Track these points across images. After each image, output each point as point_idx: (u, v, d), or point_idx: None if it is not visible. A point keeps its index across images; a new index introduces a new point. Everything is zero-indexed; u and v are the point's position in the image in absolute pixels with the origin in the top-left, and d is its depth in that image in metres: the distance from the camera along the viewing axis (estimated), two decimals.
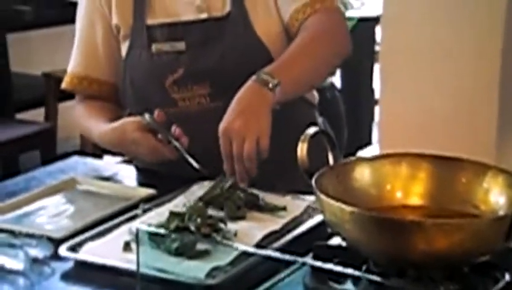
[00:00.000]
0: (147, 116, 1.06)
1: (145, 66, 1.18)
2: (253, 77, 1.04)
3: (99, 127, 1.18)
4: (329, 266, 0.71)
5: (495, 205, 0.82)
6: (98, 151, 2.29)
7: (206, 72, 1.14)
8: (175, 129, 1.06)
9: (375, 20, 2.76)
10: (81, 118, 1.25)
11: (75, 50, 1.25)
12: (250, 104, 1.01)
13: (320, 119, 1.29)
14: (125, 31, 1.20)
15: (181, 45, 1.15)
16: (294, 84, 1.07)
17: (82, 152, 2.47)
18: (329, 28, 1.15)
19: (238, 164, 0.99)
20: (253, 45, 1.15)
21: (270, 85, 1.02)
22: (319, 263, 0.69)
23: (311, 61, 1.12)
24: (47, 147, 2.56)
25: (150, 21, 1.18)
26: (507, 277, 0.75)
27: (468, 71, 1.04)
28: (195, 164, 1.02)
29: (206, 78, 1.14)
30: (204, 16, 1.17)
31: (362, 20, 2.72)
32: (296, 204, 0.98)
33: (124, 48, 1.20)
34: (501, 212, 0.80)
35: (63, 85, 1.27)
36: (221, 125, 1.00)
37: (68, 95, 3.11)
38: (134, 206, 0.98)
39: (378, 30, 2.80)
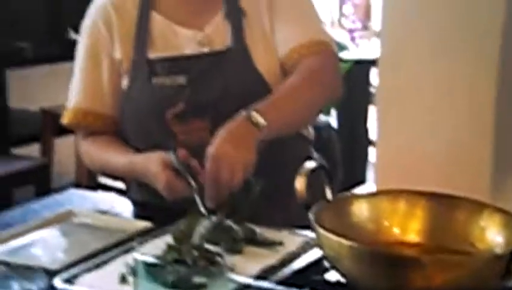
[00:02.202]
0: (171, 154, 1.07)
1: (145, 99, 1.18)
2: (243, 114, 1.05)
3: (121, 157, 1.17)
4: None
5: (492, 244, 0.82)
6: (92, 185, 2.29)
7: (206, 106, 1.15)
8: (195, 163, 1.05)
9: (370, 62, 2.82)
10: (92, 152, 1.24)
11: (78, 85, 1.25)
12: (238, 136, 1.02)
13: (316, 155, 1.30)
14: (126, 65, 1.21)
15: (182, 79, 1.16)
16: (281, 125, 1.09)
17: (77, 186, 2.46)
18: (322, 71, 1.17)
19: (224, 190, 0.99)
20: (254, 79, 1.16)
21: (258, 124, 1.04)
22: None
23: (301, 104, 1.13)
24: (42, 182, 2.56)
25: (151, 55, 1.19)
26: None
27: (462, 114, 1.06)
28: (202, 208, 1.02)
29: (207, 111, 1.15)
30: (205, 50, 1.19)
31: (358, 63, 2.77)
32: (293, 239, 0.98)
33: (125, 82, 1.21)
34: (498, 251, 0.80)
35: (65, 120, 1.26)
36: (212, 150, 1.01)
37: (64, 131, 3.13)
38: (131, 238, 0.98)
39: (373, 72, 2.85)
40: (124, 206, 1.21)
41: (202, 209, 1.01)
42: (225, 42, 1.18)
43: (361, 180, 2.66)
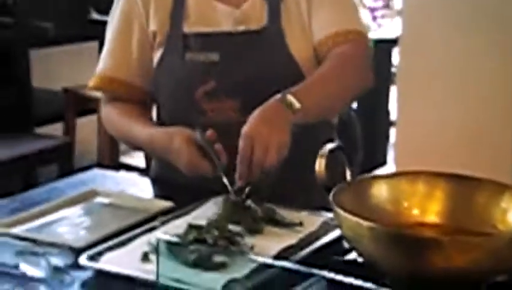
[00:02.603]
0: (198, 132, 1.07)
1: (177, 74, 1.19)
2: (278, 96, 1.05)
3: (142, 128, 1.18)
4: (348, 279, 0.71)
5: None
6: (114, 164, 2.32)
7: (237, 86, 1.15)
8: (218, 146, 1.06)
9: (392, 42, 2.78)
10: (114, 117, 1.24)
11: (107, 52, 1.25)
12: (273, 118, 1.03)
13: (336, 137, 1.30)
14: (160, 38, 1.21)
15: (215, 56, 1.16)
16: (315, 110, 1.09)
17: (100, 165, 2.49)
18: (355, 60, 1.17)
19: (256, 169, 1.00)
20: (287, 62, 1.16)
21: (293, 108, 1.04)
22: (339, 277, 0.70)
23: (334, 90, 1.14)
24: (65, 161, 2.60)
25: (186, 29, 1.19)
26: None
27: (484, 94, 1.05)
28: (229, 187, 1.03)
29: (237, 91, 1.15)
30: (241, 28, 1.18)
31: (379, 42, 2.74)
32: (312, 220, 0.99)
33: (158, 55, 1.21)
34: None
35: (91, 84, 1.26)
36: (245, 129, 1.01)
37: (87, 110, 3.16)
38: (153, 218, 1.00)
39: (395, 52, 2.81)
40: (145, 186, 1.22)
41: (229, 188, 1.02)
42: (261, 22, 1.18)
43: (382, 162, 2.64)
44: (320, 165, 0.85)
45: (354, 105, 1.78)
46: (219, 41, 1.18)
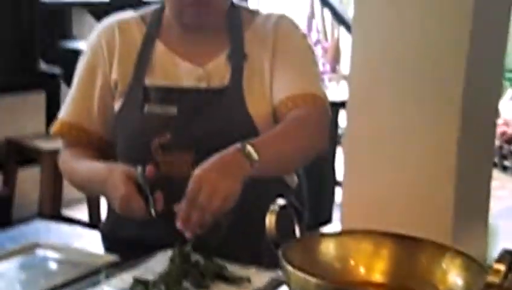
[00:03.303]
0: (139, 169, 1.07)
1: (135, 125, 1.19)
2: (239, 145, 1.06)
3: (85, 164, 1.18)
4: None
5: (453, 286, 0.84)
6: (57, 218, 2.24)
7: (192, 141, 1.16)
8: (159, 195, 1.05)
9: (339, 105, 2.88)
10: (68, 159, 1.24)
11: (70, 99, 1.26)
12: (228, 166, 1.03)
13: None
14: (122, 88, 1.22)
15: (173, 110, 1.18)
16: (271, 165, 1.11)
17: (42, 216, 2.41)
18: (312, 124, 1.20)
19: (199, 213, 0.99)
20: (244, 121, 1.18)
21: (251, 159, 1.05)
22: None
23: (291, 148, 1.16)
24: (3, 213, 2.50)
25: (147, 81, 1.21)
26: None
27: (426, 158, 1.10)
28: (153, 212, 1.01)
29: (192, 146, 1.16)
30: (203, 85, 1.21)
31: None
32: (260, 276, 0.99)
33: (118, 105, 1.22)
34: None
35: (52, 129, 1.27)
36: (197, 172, 1.01)
37: (28, 161, 3.06)
38: (97, 271, 0.97)
39: (341, 114, 2.91)
40: (91, 239, 1.19)
41: (152, 212, 1.01)
42: (223, 81, 1.20)
43: (328, 220, 2.68)
44: (270, 221, 0.86)
45: None
46: (179, 95, 1.19)
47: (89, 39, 1.29)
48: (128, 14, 1.29)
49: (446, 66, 1.06)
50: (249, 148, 1.06)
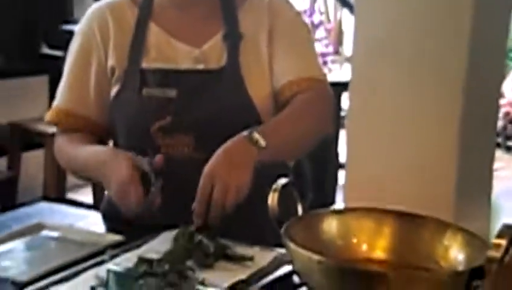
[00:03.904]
0: (146, 158, 1.05)
1: (133, 109, 1.19)
2: (245, 133, 1.07)
3: (88, 147, 1.17)
4: None
5: (454, 261, 0.85)
6: (61, 201, 2.26)
7: (193, 123, 1.16)
8: (160, 182, 1.04)
9: (342, 86, 2.87)
10: (65, 146, 1.23)
11: (64, 85, 1.25)
12: (236, 157, 1.04)
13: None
14: (119, 73, 1.21)
15: (172, 92, 1.17)
16: (279, 150, 1.11)
17: (46, 199, 2.43)
18: (318, 107, 1.21)
19: (214, 208, 1.01)
20: (243, 103, 1.18)
21: (259, 145, 1.06)
22: None
23: (299, 132, 1.17)
24: (8, 196, 2.52)
25: (144, 65, 1.20)
26: None
27: (429, 138, 1.10)
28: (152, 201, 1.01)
29: (192, 128, 1.16)
30: (200, 66, 1.20)
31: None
32: (264, 255, 0.99)
33: (115, 90, 1.21)
34: (459, 268, 0.83)
35: (48, 118, 1.25)
36: (207, 168, 1.02)
37: (32, 145, 3.08)
38: (101, 252, 0.98)
39: (344, 97, 2.90)
40: (95, 220, 1.20)
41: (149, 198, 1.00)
42: (220, 62, 1.20)
43: (331, 202, 2.69)
44: (273, 199, 0.87)
45: None
46: (177, 78, 1.19)
47: (80, 25, 1.26)
48: None
49: (448, 46, 1.06)
50: (256, 135, 1.06)
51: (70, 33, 1.33)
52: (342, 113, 2.96)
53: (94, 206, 2.37)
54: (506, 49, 1.23)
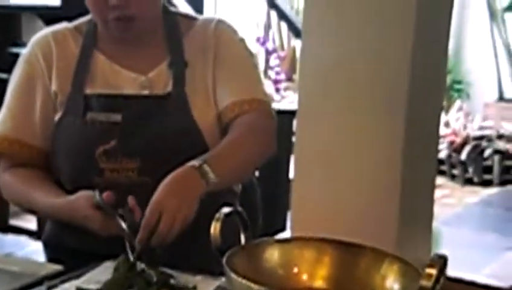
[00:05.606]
0: (97, 195, 1.06)
1: (77, 133, 1.18)
2: (195, 163, 1.07)
3: (45, 198, 1.15)
4: None
5: None
6: (2, 227, 2.19)
7: (137, 147, 1.16)
8: (130, 201, 1.05)
9: (293, 113, 2.91)
10: (14, 185, 1.20)
11: (6, 112, 1.22)
12: (185, 188, 1.04)
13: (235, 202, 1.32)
14: (61, 99, 1.20)
15: (117, 117, 1.17)
16: (227, 179, 1.13)
17: None
18: (261, 128, 1.22)
19: (156, 238, 1.00)
20: (189, 127, 1.18)
21: (208, 178, 1.07)
22: None
23: (244, 157, 1.18)
24: None
25: (88, 91, 1.19)
26: None
27: (372, 168, 1.13)
28: (130, 253, 1.00)
29: (137, 153, 1.15)
30: (146, 92, 1.20)
31: (281, 113, 2.85)
32: (207, 283, 0.98)
33: (58, 115, 1.20)
34: None
35: None
36: (156, 197, 1.02)
37: None
38: (39, 282, 0.95)
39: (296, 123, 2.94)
40: (36, 249, 1.17)
41: (130, 254, 1.00)
42: (166, 88, 1.20)
43: (282, 228, 2.70)
44: (215, 228, 0.86)
45: (256, 172, 1.83)
46: (122, 102, 1.19)
47: (23, 52, 1.25)
48: (62, 26, 1.27)
49: (390, 76, 1.09)
50: (206, 168, 1.07)
51: (18, 56, 1.31)
52: (294, 139, 2.99)
53: (36, 234, 2.30)
54: (445, 81, 1.28)
